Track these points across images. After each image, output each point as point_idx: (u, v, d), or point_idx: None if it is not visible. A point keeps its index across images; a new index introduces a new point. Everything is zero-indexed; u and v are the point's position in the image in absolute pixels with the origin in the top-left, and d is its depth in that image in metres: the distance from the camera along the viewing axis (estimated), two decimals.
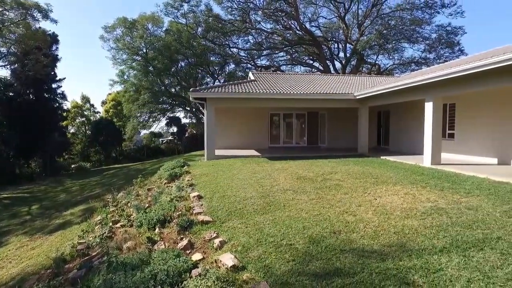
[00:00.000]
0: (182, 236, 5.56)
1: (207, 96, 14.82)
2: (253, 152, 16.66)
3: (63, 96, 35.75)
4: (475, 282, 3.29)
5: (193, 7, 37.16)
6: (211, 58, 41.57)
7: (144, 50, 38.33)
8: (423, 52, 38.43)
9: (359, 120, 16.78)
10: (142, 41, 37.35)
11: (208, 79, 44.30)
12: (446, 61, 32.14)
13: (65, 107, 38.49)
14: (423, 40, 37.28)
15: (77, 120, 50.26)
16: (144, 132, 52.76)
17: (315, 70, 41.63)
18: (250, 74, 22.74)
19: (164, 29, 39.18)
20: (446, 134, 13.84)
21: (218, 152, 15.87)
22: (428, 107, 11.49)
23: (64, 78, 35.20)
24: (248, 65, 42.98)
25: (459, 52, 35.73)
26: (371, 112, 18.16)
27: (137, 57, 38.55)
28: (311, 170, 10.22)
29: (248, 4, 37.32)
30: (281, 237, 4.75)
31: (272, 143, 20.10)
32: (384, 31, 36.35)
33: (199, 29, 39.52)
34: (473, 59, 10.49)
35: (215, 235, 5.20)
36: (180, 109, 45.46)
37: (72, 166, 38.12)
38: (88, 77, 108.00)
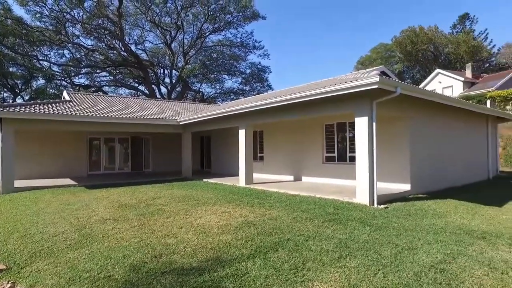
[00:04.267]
0: None
1: (3, 116, 12.26)
2: (68, 181, 14.73)
3: None
4: (270, 277, 4.08)
5: None
6: (11, 69, 34.55)
7: None
8: (240, 84, 44.03)
9: (182, 145, 17.43)
10: None
11: (5, 94, 36.55)
12: (259, 93, 37.84)
13: None
14: (240, 74, 42.94)
15: None
16: None
17: (141, 94, 40.90)
18: (65, 93, 20.27)
19: None
20: (258, 157, 16.13)
21: (20, 183, 13.27)
22: (241, 133, 13.18)
23: None
24: (64, 82, 38.17)
25: (268, 87, 42.94)
26: (194, 137, 19.24)
27: None
28: (134, 197, 9.95)
29: (64, 14, 33.45)
30: (99, 270, 4.48)
31: (92, 170, 18.34)
32: (207, 62, 39.73)
33: None
34: (273, 95, 12.83)
35: (9, 285, 4.38)
36: None
37: None
38: None
